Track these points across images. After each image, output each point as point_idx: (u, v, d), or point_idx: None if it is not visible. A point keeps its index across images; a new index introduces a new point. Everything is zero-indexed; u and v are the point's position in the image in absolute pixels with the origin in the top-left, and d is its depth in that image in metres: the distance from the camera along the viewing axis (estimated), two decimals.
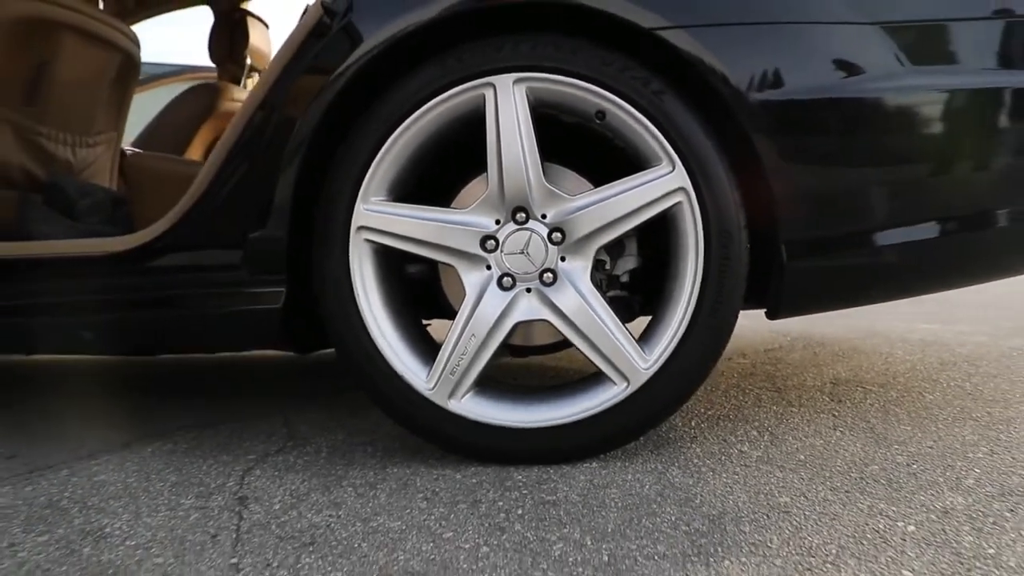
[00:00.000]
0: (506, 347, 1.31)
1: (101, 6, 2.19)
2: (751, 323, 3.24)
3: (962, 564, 0.80)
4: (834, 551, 0.84)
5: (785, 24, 1.19)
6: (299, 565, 0.87)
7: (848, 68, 1.19)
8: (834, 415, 1.48)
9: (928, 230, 1.23)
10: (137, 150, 2.53)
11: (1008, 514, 0.93)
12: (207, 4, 3.09)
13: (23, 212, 1.70)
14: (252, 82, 3.19)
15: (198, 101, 2.72)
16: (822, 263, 1.23)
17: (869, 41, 1.19)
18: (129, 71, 2.19)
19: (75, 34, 1.92)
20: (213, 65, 3.10)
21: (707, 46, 1.16)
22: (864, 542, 0.86)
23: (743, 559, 0.83)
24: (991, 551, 0.83)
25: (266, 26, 3.13)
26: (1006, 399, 1.57)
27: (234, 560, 0.89)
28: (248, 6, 3.11)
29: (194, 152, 2.77)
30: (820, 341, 2.60)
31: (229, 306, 1.34)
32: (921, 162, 1.22)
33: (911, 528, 0.90)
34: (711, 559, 0.83)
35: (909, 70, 1.19)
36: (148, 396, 2.02)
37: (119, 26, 2.09)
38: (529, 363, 2.15)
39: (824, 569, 0.80)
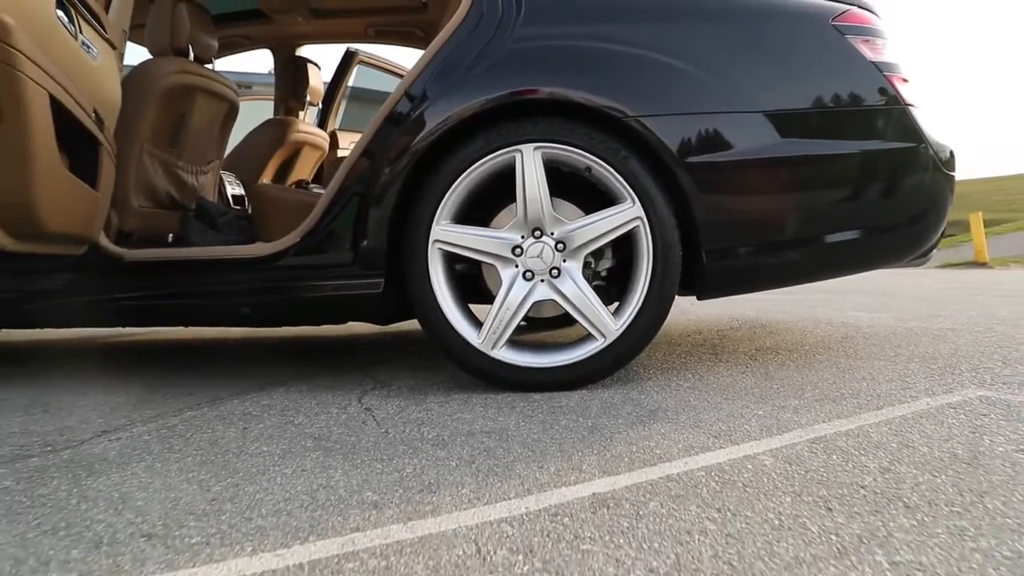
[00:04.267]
0: (527, 319, 2.01)
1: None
2: (715, 311, 3.97)
3: (774, 419, 1.51)
4: (715, 421, 1.55)
5: (705, 114, 1.90)
6: (421, 430, 1.57)
7: (744, 140, 1.90)
8: (746, 366, 2.19)
9: (803, 242, 1.94)
10: (230, 174, 3.22)
11: (818, 405, 1.64)
12: (269, 49, 3.78)
13: (185, 226, 2.39)
14: (307, 115, 3.89)
15: (272, 133, 3.42)
16: (729, 263, 1.94)
17: (757, 123, 1.90)
18: (232, 115, 2.87)
19: (203, 93, 2.61)
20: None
21: (655, 128, 1.87)
22: (733, 418, 1.57)
23: (664, 424, 1.53)
24: (786, 418, 1.54)
25: (318, 68, 3.82)
26: (869, 357, 2.29)
27: (383, 431, 1.59)
28: (301, 52, 3.81)
29: (268, 173, 3.46)
30: (763, 323, 3.32)
31: (344, 291, 2.04)
32: (791, 199, 1.93)
33: (760, 412, 1.61)
34: (646, 423, 1.54)
35: (782, 141, 1.90)
36: (253, 358, 2.71)
37: (228, 83, 2.78)
38: (537, 338, 2.85)
39: (707, 428, 1.50)
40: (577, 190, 2.06)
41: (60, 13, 1.73)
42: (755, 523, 0.99)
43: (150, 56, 2.52)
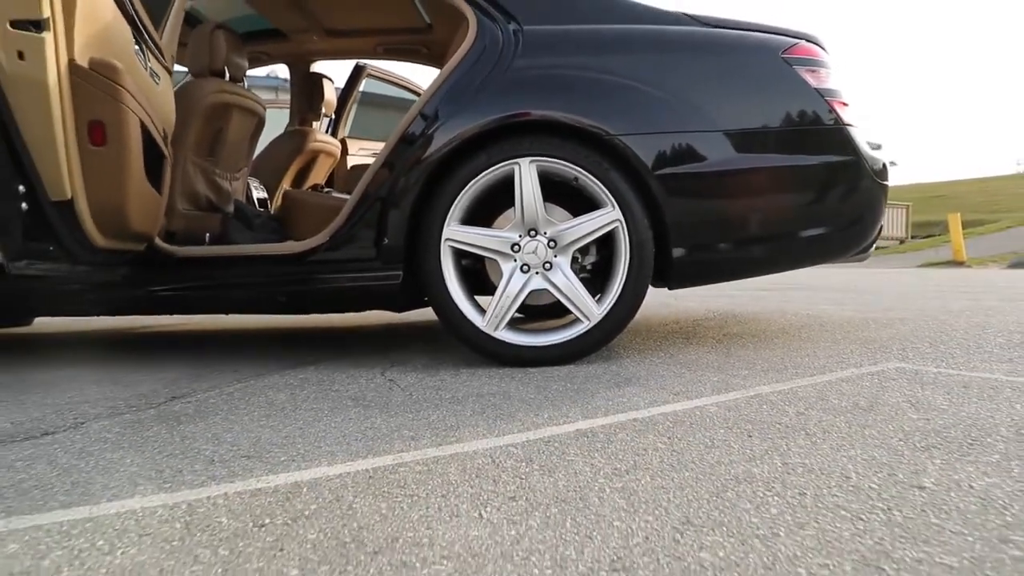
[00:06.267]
0: (523, 309, 2.36)
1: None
2: (694, 304, 4.33)
3: (725, 383, 1.87)
4: (676, 385, 1.91)
5: (673, 132, 2.26)
6: (439, 393, 1.92)
7: (706, 154, 2.27)
8: (712, 347, 2.56)
9: (756, 240, 2.31)
10: (254, 179, 3.57)
11: (763, 374, 2.00)
12: (286, 64, 4.13)
13: (225, 227, 2.74)
14: (319, 124, 4.23)
15: (292, 142, 3.77)
16: (696, 258, 2.30)
17: (717, 141, 2.27)
18: (259, 127, 3.22)
19: (238, 109, 2.96)
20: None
21: (632, 144, 2.23)
22: (692, 383, 1.93)
23: (635, 387, 1.90)
24: (757, 377, 1.90)
25: (331, 81, 4.17)
26: (818, 340, 2.66)
27: (407, 394, 1.95)
28: (315, 68, 4.16)
29: (288, 178, 3.81)
30: (735, 315, 3.69)
31: (368, 282, 2.39)
32: (744, 203, 2.30)
33: (715, 379, 1.97)
34: (621, 387, 1.90)
35: (737, 156, 2.27)
36: (278, 345, 3.06)
37: (258, 99, 3.13)
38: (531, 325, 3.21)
39: (670, 389, 1.86)
40: (566, 196, 2.42)
41: (136, 48, 2.08)
42: (694, 444, 1.35)
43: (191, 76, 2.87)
